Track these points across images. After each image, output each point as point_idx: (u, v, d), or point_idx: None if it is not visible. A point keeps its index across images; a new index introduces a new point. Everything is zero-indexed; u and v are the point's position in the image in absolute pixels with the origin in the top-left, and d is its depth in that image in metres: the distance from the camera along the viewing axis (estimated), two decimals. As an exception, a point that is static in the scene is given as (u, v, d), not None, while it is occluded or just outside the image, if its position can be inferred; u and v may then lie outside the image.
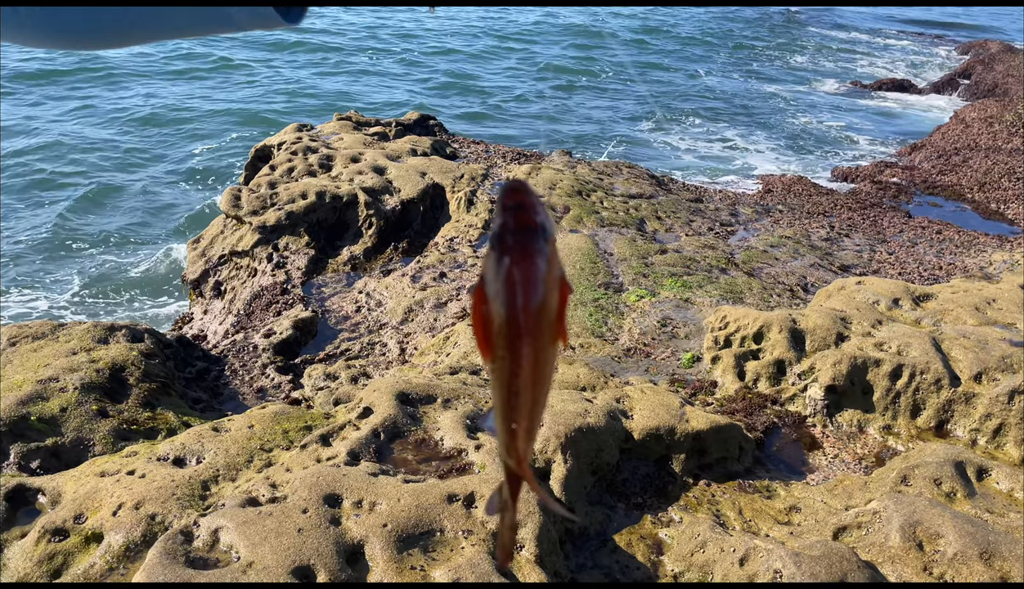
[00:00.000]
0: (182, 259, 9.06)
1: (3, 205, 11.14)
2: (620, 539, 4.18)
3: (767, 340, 5.37)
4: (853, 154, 14.95)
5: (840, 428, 4.98)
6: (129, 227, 10.67)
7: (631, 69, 23.68)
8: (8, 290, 8.99)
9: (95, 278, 9.18)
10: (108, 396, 5.21)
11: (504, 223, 0.93)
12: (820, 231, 8.08)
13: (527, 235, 0.94)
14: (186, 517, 3.80)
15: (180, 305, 8.31)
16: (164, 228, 10.67)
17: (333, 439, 4.44)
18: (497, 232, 0.94)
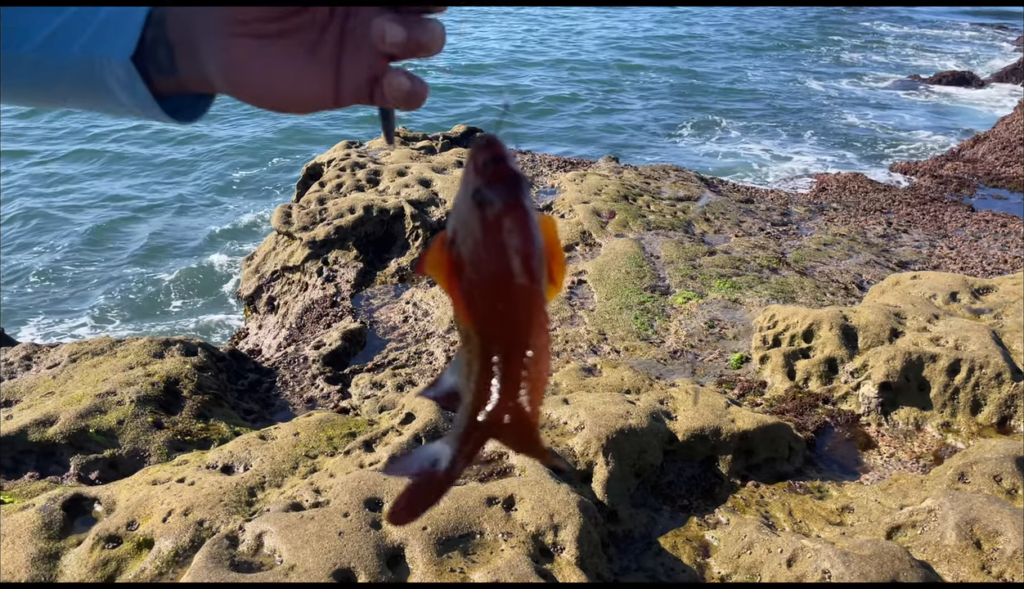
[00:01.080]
0: (223, 269, 9.32)
1: (50, 223, 11.62)
2: (665, 541, 4.10)
3: (817, 338, 5.22)
4: (911, 149, 14.52)
5: (896, 426, 4.80)
6: (177, 241, 11.02)
7: (666, 73, 23.47)
8: (51, 310, 9.36)
9: (147, 293, 9.50)
10: (163, 408, 5.36)
11: (484, 177, 0.85)
12: (877, 228, 7.83)
13: (513, 185, 0.87)
14: (232, 522, 3.88)
15: (229, 317, 8.55)
16: (214, 240, 11.00)
17: (376, 445, 4.48)
18: (477, 187, 0.85)
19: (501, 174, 0.86)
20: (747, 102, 19.82)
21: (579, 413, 4.44)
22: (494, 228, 0.86)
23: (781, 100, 20.02)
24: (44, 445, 4.93)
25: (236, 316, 8.84)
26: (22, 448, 4.89)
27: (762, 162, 13.81)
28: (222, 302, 9.48)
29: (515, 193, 0.85)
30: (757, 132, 16.88)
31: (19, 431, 4.93)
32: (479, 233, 0.85)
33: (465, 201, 0.87)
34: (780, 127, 17.11)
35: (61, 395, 5.41)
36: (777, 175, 11.90)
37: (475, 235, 0.85)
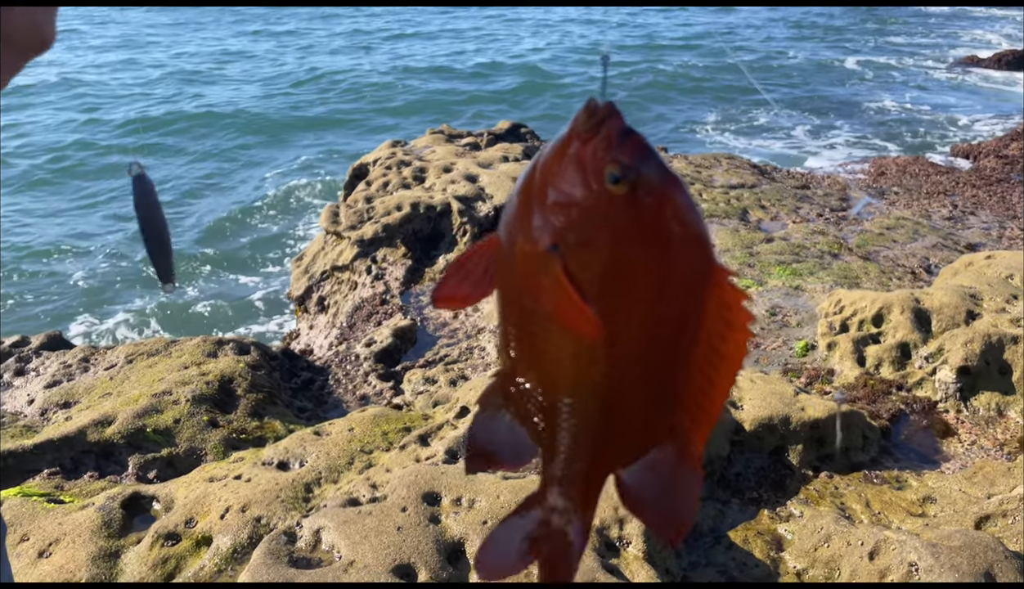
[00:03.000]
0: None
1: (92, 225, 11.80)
2: (735, 535, 3.92)
3: (888, 322, 4.98)
4: (967, 132, 14.02)
5: (976, 412, 4.55)
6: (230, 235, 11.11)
7: (707, 62, 23.07)
8: (103, 309, 9.48)
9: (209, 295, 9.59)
10: (218, 407, 5.35)
11: (621, 154, 0.70)
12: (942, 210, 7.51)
13: (658, 158, 0.73)
14: (289, 518, 3.81)
15: (278, 319, 8.56)
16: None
17: (431, 439, 4.39)
18: (619, 166, 0.70)
19: (642, 148, 0.72)
20: (793, 88, 19.39)
21: (640, 403, 4.28)
22: (652, 214, 0.72)
23: (829, 86, 19.55)
24: (103, 445, 4.95)
25: (274, 321, 8.87)
26: (81, 448, 4.91)
27: (812, 148, 13.45)
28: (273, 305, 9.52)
29: (667, 169, 0.72)
30: (804, 118, 16.47)
31: (78, 432, 4.95)
32: (624, 225, 0.71)
33: (579, 189, 0.72)
34: (829, 112, 16.69)
35: (118, 395, 5.43)
36: (832, 160, 11.58)
37: (614, 228, 0.71)
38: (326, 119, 18.21)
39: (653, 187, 0.71)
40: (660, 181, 0.70)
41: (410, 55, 26.11)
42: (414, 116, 18.30)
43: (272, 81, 21.95)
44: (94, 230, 11.98)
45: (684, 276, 0.72)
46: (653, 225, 0.71)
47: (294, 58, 25.39)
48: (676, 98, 19.59)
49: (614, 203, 0.71)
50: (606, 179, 0.70)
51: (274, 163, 15.27)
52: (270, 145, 16.22)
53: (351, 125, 17.85)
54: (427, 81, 22.06)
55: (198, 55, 25.81)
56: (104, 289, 10.13)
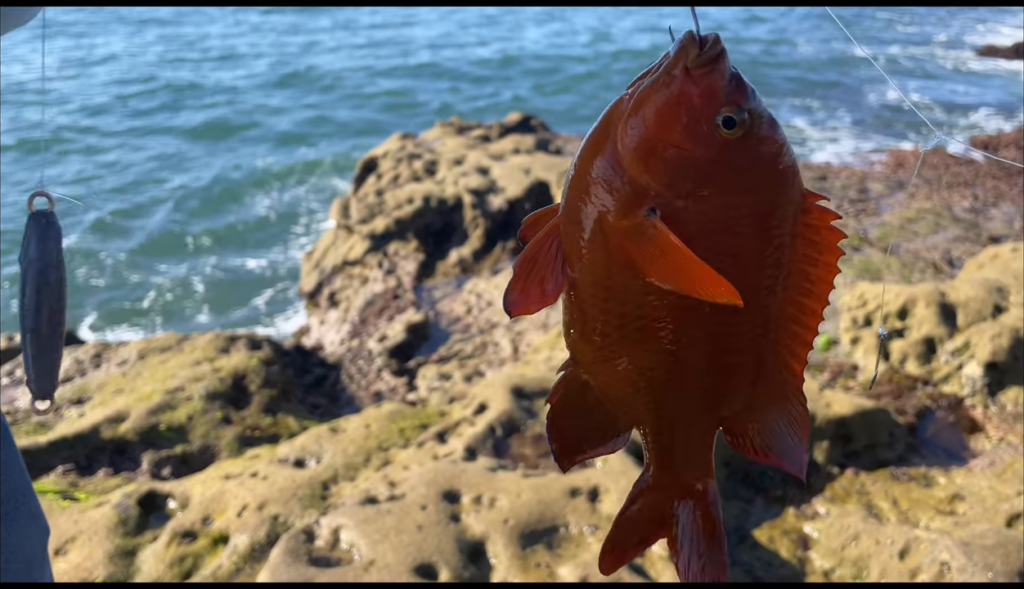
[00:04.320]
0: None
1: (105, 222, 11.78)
2: (760, 534, 3.85)
3: (912, 316, 4.89)
4: (984, 123, 13.88)
5: (1004, 408, 4.46)
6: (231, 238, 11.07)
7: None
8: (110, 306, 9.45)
9: (214, 283, 9.54)
10: (231, 403, 5.30)
11: (734, 96, 0.67)
12: (963, 202, 7.41)
13: (762, 102, 0.71)
14: (307, 516, 3.76)
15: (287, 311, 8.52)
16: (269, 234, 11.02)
17: (449, 436, 4.32)
18: (734, 107, 0.67)
19: (750, 87, 0.69)
20: (804, 78, 19.23)
21: (662, 399, 4.21)
22: (766, 159, 0.69)
23: (839, 76, 19.39)
24: (116, 442, 4.90)
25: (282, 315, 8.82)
26: (95, 445, 4.87)
27: (826, 139, 13.33)
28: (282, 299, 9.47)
29: (768, 109, 0.70)
30: (816, 109, 16.33)
31: (92, 429, 4.91)
32: (736, 172, 0.68)
33: (689, 136, 0.67)
34: (839, 102, 16.54)
35: (131, 392, 5.38)
36: (846, 151, 11.45)
37: (726, 177, 0.68)
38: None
39: (764, 130, 0.69)
40: (770, 123, 0.69)
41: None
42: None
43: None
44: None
45: (786, 215, 0.70)
46: (765, 169, 0.69)
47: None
48: None
49: (728, 149, 0.68)
50: (719, 123, 0.67)
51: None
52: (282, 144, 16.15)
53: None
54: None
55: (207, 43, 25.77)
56: (117, 284, 10.11)
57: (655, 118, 0.67)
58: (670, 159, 0.67)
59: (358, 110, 18.53)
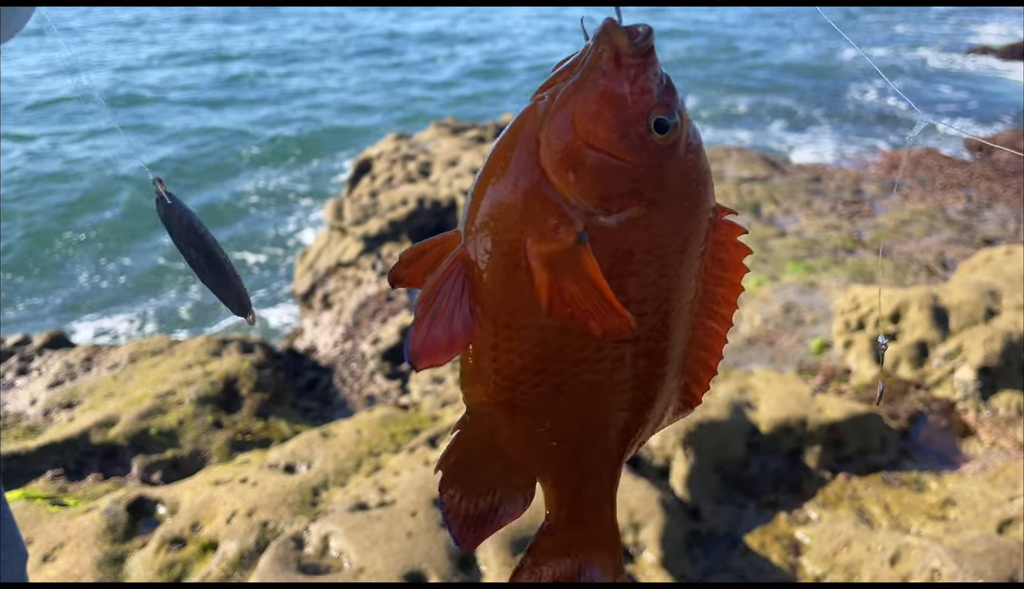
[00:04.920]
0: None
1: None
2: (752, 540, 3.84)
3: (906, 320, 4.88)
4: (993, 124, 13.89)
5: (996, 413, 4.45)
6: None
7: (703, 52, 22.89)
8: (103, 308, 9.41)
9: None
10: (223, 407, 5.27)
11: (662, 100, 0.61)
12: (956, 204, 7.40)
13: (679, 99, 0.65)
14: (297, 523, 3.74)
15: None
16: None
17: (441, 441, 4.31)
18: (665, 110, 0.61)
19: (676, 91, 0.63)
20: (791, 81, 19.21)
21: (654, 404, 4.19)
22: (692, 167, 0.64)
23: (829, 78, 19.38)
24: (106, 447, 4.87)
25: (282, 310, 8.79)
26: (85, 450, 4.84)
27: (814, 141, 13.33)
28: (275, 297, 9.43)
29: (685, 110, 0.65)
30: (806, 112, 16.32)
31: (81, 433, 4.88)
32: (666, 183, 0.62)
33: (623, 141, 0.60)
34: (828, 106, 16.54)
35: (122, 396, 5.35)
36: (838, 153, 11.46)
37: (655, 189, 0.62)
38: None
39: (692, 137, 0.63)
40: (695, 130, 0.63)
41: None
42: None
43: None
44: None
45: (704, 228, 0.65)
46: (692, 181, 0.63)
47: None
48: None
49: (658, 156, 0.61)
50: (651, 126, 0.60)
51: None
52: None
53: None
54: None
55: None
56: (109, 288, 10.07)
57: (584, 118, 0.59)
58: (599, 168, 0.59)
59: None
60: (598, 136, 0.60)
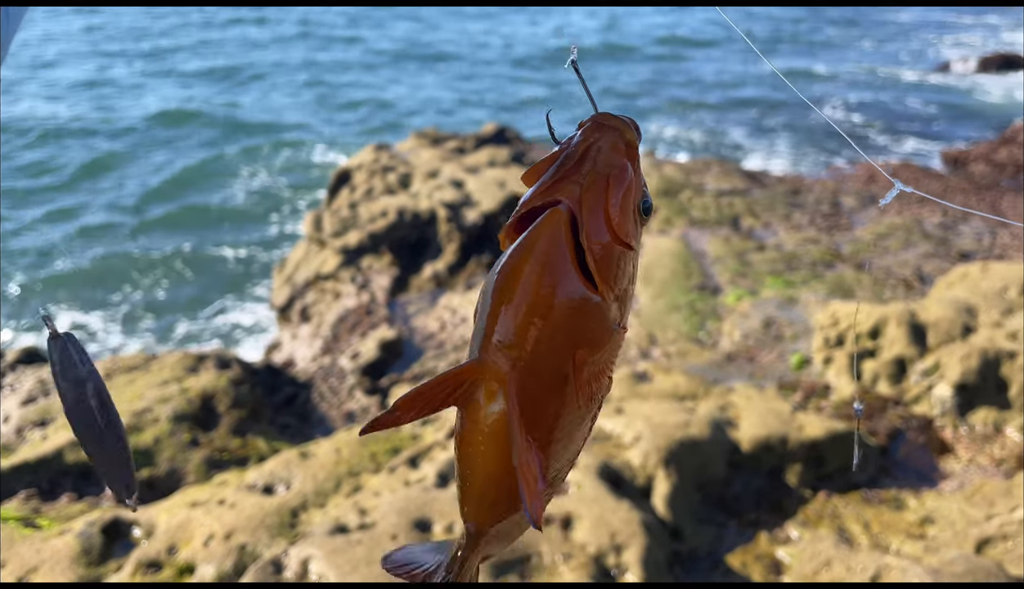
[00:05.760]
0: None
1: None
2: (733, 559, 3.83)
3: (884, 336, 4.91)
4: (962, 138, 14.09)
5: (973, 429, 4.49)
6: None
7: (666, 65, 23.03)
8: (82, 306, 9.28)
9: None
10: (199, 425, 5.20)
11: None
12: (933, 217, 7.48)
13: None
14: (276, 546, 3.69)
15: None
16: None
17: (421, 461, 4.27)
18: (646, 195, 0.66)
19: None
20: (740, 90, 19.37)
21: (635, 423, 4.19)
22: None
23: (783, 90, 19.51)
24: (80, 466, 4.79)
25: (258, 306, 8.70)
26: (59, 469, 4.76)
27: (789, 156, 13.45)
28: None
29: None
30: (776, 127, 16.48)
31: (55, 452, 4.79)
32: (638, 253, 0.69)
33: (633, 226, 0.65)
34: (798, 122, 16.72)
35: (96, 413, 5.27)
36: (815, 165, 11.57)
37: (636, 260, 0.68)
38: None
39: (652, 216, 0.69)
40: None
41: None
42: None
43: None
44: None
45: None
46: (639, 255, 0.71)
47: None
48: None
49: (639, 229, 0.67)
50: (640, 209, 0.65)
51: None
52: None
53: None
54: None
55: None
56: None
57: (617, 216, 0.61)
58: (622, 259, 0.62)
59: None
60: (626, 230, 0.63)
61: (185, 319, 8.94)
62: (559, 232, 0.60)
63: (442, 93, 20.62)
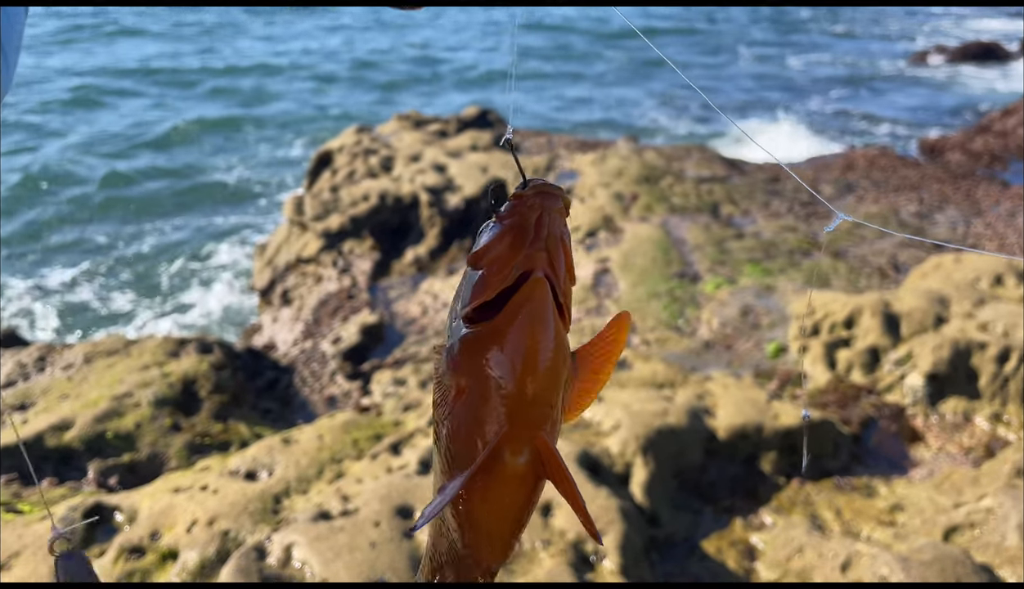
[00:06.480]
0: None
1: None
2: (709, 545, 3.93)
3: (859, 326, 5.01)
4: (938, 127, 14.24)
5: (944, 418, 4.61)
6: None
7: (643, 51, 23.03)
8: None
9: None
10: (181, 409, 5.21)
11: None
12: (909, 206, 7.59)
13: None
14: (259, 532, 3.73)
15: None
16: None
17: (403, 447, 4.32)
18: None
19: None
20: (735, 80, 19.43)
21: (614, 412, 4.25)
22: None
23: (772, 78, 19.63)
24: (61, 450, 4.79)
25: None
26: (40, 454, 4.75)
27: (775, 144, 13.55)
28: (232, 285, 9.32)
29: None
30: (761, 113, 16.57)
31: (36, 437, 4.79)
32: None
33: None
34: (780, 107, 16.81)
35: (77, 397, 5.26)
36: (794, 152, 11.67)
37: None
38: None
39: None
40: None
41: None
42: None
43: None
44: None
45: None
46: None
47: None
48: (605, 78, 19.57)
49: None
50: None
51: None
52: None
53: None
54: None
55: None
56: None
57: (571, 261, 0.71)
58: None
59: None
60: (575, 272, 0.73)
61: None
62: (549, 299, 0.66)
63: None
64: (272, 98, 18.41)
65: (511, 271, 0.65)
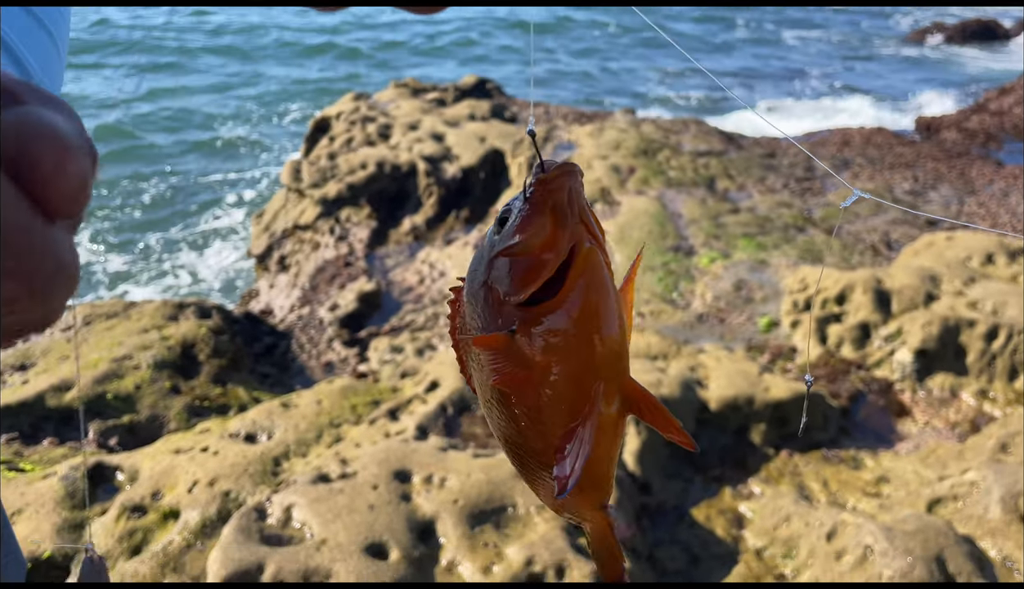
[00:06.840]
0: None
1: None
2: (698, 513, 4.03)
3: (850, 302, 5.09)
4: (934, 105, 14.26)
5: (931, 393, 4.70)
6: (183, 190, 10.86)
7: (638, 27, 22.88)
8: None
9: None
10: (180, 373, 5.27)
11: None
12: (904, 184, 7.64)
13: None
14: (259, 494, 3.81)
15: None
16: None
17: (401, 413, 4.39)
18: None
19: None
20: (729, 56, 19.35)
21: (610, 381, 4.33)
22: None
23: (765, 57, 19.56)
24: (62, 411, 4.85)
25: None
26: (40, 414, 4.81)
27: (776, 119, 13.56)
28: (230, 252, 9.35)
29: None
30: (764, 87, 16.53)
31: (36, 396, 4.84)
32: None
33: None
34: (784, 81, 16.77)
35: (78, 359, 5.31)
36: (790, 128, 11.70)
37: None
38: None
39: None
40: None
41: None
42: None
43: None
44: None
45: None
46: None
47: None
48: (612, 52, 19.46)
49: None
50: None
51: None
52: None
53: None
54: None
55: None
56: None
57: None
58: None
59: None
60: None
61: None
62: (603, 264, 0.73)
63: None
64: (268, 60, 18.27)
65: (564, 247, 0.69)
